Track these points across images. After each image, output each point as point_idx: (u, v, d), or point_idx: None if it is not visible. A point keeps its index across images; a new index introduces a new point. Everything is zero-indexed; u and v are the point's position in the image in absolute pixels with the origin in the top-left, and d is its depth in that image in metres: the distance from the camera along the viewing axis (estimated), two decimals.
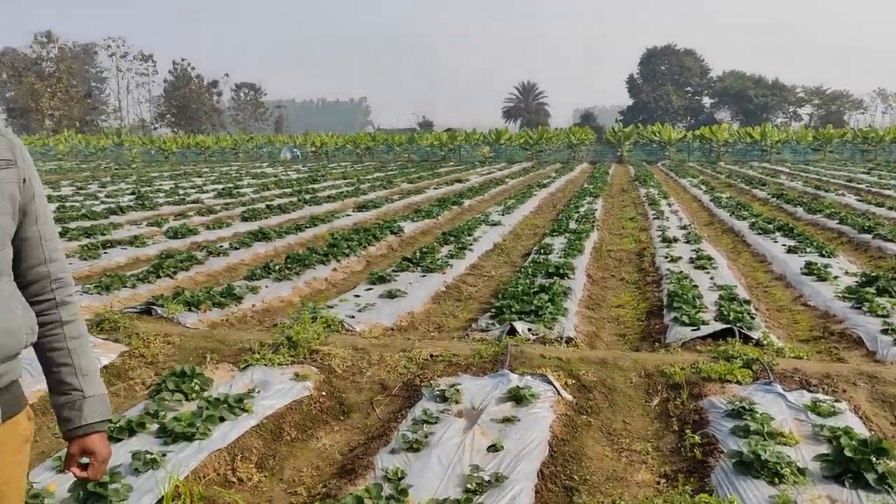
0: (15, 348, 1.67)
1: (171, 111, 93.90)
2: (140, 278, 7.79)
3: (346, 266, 9.28)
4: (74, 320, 1.85)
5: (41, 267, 1.78)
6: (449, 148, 47.67)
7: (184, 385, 4.38)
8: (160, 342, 5.46)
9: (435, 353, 5.19)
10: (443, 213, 14.88)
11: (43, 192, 1.81)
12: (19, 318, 1.69)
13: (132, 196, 18.58)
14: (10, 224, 1.68)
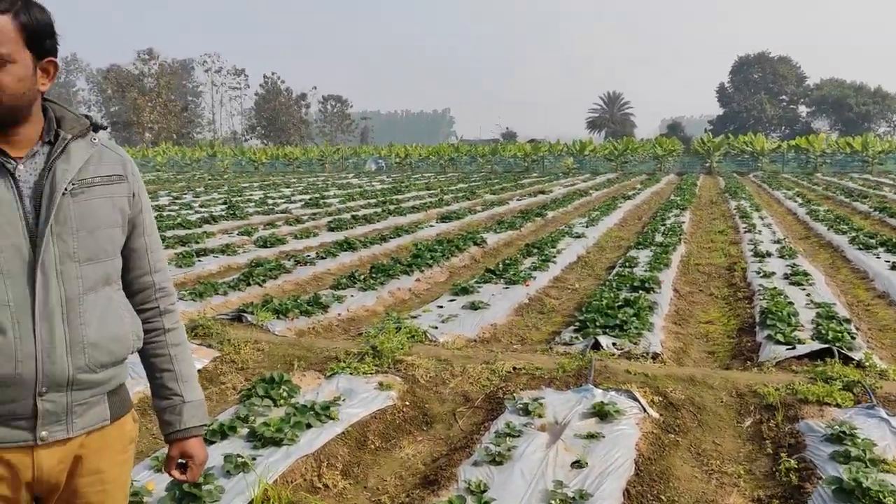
0: (123, 354, 1.75)
1: (261, 123, 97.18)
2: (231, 286, 8.07)
3: (429, 277, 9.35)
4: (176, 328, 1.92)
5: (147, 277, 1.86)
6: (532, 159, 47.51)
7: (272, 391, 4.49)
8: (250, 348, 5.63)
9: (518, 365, 5.17)
10: (526, 225, 14.82)
11: (150, 205, 1.90)
12: (127, 325, 1.77)
13: (224, 206, 19.28)
14: (120, 236, 1.77)
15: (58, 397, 1.62)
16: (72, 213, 1.64)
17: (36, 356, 1.57)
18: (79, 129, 1.71)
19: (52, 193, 1.61)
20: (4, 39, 1.51)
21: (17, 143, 1.62)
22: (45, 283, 1.59)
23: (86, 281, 1.66)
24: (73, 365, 1.62)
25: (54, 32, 1.64)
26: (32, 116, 1.64)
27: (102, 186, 1.72)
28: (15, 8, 1.53)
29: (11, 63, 1.53)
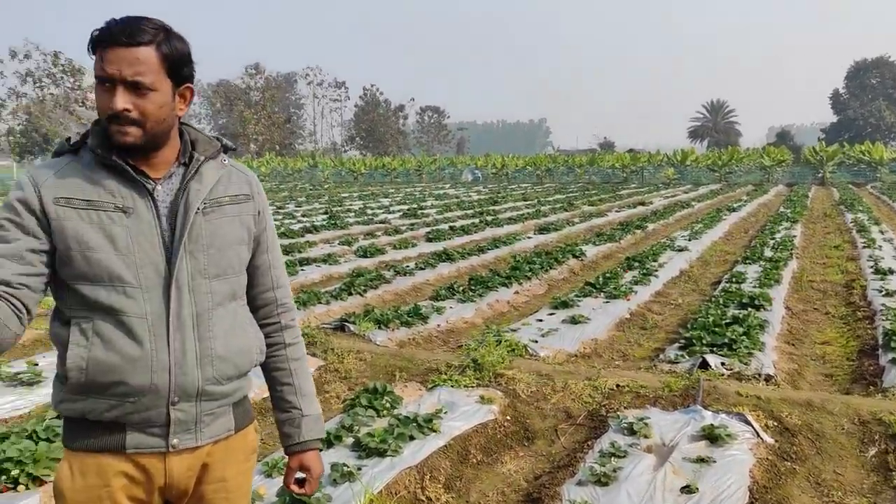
0: (247, 367, 1.81)
1: (360, 134, 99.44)
2: (333, 295, 8.26)
3: (527, 289, 9.29)
4: (296, 343, 1.98)
5: (269, 292, 1.92)
6: (631, 170, 46.60)
7: (375, 401, 4.56)
8: (353, 358, 5.74)
9: (621, 382, 5.05)
10: (625, 237, 14.52)
11: (272, 222, 1.96)
12: (251, 339, 1.83)
13: (325, 216, 19.80)
14: (246, 253, 1.83)
15: (188, 407, 1.69)
16: (203, 231, 1.72)
17: (169, 367, 1.65)
18: (211, 150, 1.79)
19: (187, 212, 1.69)
20: (148, 70, 1.60)
21: (156, 165, 1.71)
22: (179, 297, 1.67)
23: (215, 296, 1.73)
24: (202, 377, 1.69)
25: (191, 60, 1.72)
26: (170, 140, 1.72)
27: (231, 206, 1.79)
28: (158, 39, 1.61)
29: (154, 91, 1.61)
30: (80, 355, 1.61)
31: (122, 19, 1.61)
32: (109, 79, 1.58)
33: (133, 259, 1.63)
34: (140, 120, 1.61)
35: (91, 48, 1.61)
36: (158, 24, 1.64)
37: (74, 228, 1.61)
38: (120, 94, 1.58)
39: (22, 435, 3.77)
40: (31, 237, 1.61)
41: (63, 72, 70.11)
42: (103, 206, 1.63)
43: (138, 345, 1.62)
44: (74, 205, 1.62)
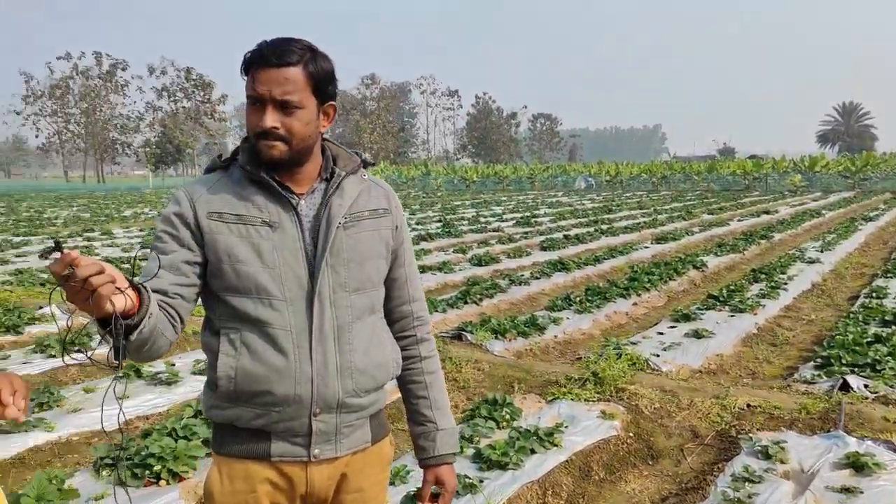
0: (384, 380, 1.83)
1: (472, 142, 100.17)
2: (449, 303, 8.31)
3: (646, 300, 9.03)
4: (431, 356, 1.98)
5: (406, 306, 1.94)
6: (754, 176, 44.57)
7: (495, 413, 4.54)
8: (471, 368, 5.74)
9: (752, 402, 4.80)
10: (749, 248, 13.88)
11: (409, 236, 1.97)
12: (388, 352, 1.85)
13: (439, 223, 20.03)
14: (384, 267, 1.85)
15: (329, 418, 1.72)
16: (344, 245, 1.74)
17: (312, 379, 1.68)
18: (351, 166, 1.82)
19: (329, 227, 1.72)
20: (295, 89, 1.64)
21: (300, 181, 1.76)
22: (321, 310, 1.70)
23: (354, 309, 1.75)
24: (342, 389, 1.72)
25: (335, 79, 1.76)
26: (314, 156, 1.77)
27: (371, 220, 1.81)
28: (305, 59, 1.65)
29: (301, 109, 1.66)
30: (230, 365, 1.67)
31: (273, 41, 1.66)
32: (260, 98, 1.64)
33: (278, 272, 1.68)
34: (287, 137, 1.65)
35: (243, 69, 1.67)
36: (306, 45, 1.68)
37: (225, 242, 1.67)
38: (269, 113, 1.64)
39: (163, 433, 3.99)
40: (186, 249, 1.68)
41: (195, 86, 74.45)
42: (251, 220, 1.69)
43: (283, 356, 1.67)
44: (225, 219, 1.68)
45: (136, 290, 1.46)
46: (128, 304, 1.40)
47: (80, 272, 1.28)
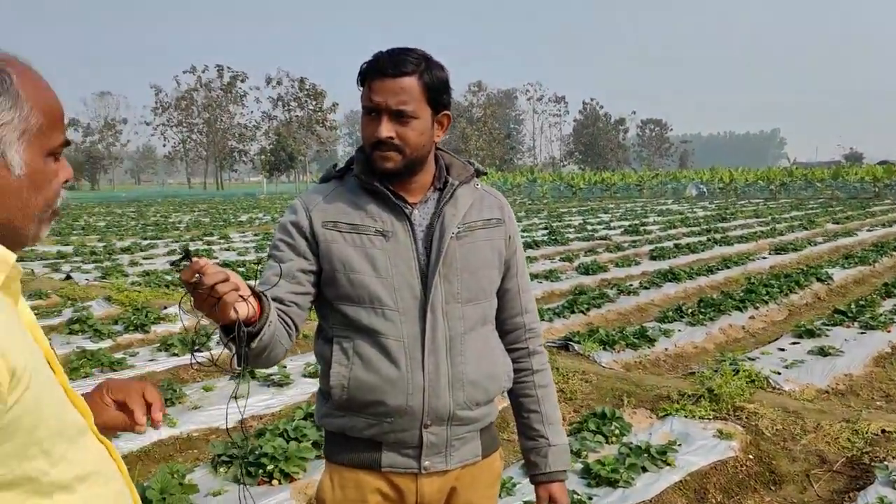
0: (495, 392, 1.79)
1: (578, 149, 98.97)
2: (556, 312, 8.19)
3: (764, 314, 8.59)
4: (543, 369, 1.92)
5: (518, 317, 1.89)
6: (885, 184, 41.75)
7: (604, 427, 4.41)
8: (578, 379, 5.61)
9: (888, 428, 4.45)
10: (881, 260, 12.96)
11: (521, 245, 1.93)
12: (500, 364, 1.81)
13: (545, 231, 19.83)
14: (497, 277, 1.82)
15: (439, 431, 1.70)
16: (457, 256, 1.72)
17: (424, 390, 1.66)
18: (465, 175, 1.80)
19: (442, 237, 1.70)
20: (410, 98, 1.63)
21: (413, 191, 1.75)
22: (434, 321, 1.68)
23: (467, 321, 1.72)
24: (453, 401, 1.69)
25: (449, 88, 1.74)
26: (427, 165, 1.75)
27: (484, 230, 1.78)
28: (420, 69, 1.64)
29: (415, 119, 1.64)
30: (343, 374, 1.67)
31: (389, 51, 1.66)
32: (375, 108, 1.64)
33: (391, 282, 1.67)
34: (401, 146, 1.64)
35: (360, 80, 1.67)
36: (421, 55, 1.67)
37: (340, 251, 1.68)
38: (384, 123, 1.63)
39: (275, 433, 4.10)
40: (302, 258, 1.70)
41: (307, 95, 77.13)
42: (366, 229, 1.69)
43: (395, 366, 1.65)
44: (340, 228, 1.69)
45: (258, 299, 1.48)
46: (250, 312, 1.42)
47: (207, 280, 1.31)
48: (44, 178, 1.04)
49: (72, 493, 1.01)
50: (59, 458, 0.99)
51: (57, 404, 1.01)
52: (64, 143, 1.08)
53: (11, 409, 0.91)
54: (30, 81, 1.03)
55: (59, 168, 1.08)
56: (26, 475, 0.94)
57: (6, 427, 0.91)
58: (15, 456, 0.93)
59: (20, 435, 0.93)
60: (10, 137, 0.99)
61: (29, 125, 1.01)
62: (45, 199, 1.05)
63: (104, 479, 1.09)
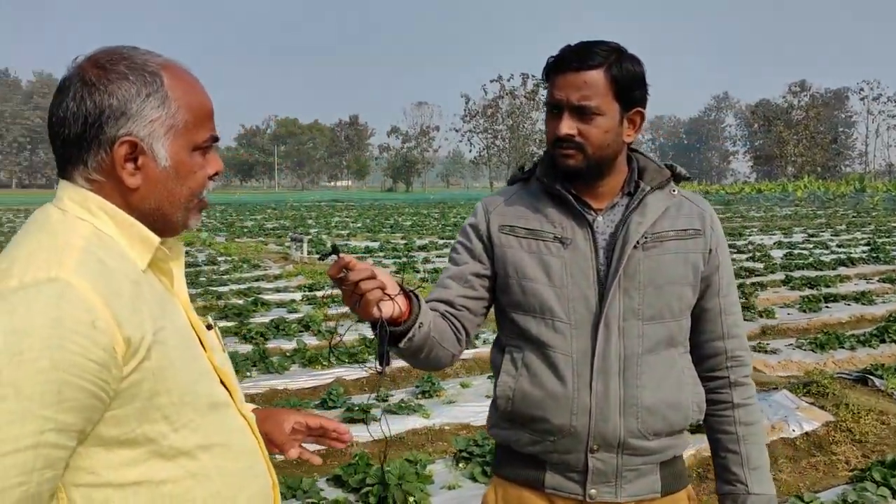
0: (679, 424, 1.59)
1: None
2: (861, 340, 7.16)
3: None
4: (748, 405, 1.67)
5: (718, 342, 1.67)
6: None
7: (892, 479, 3.74)
8: (872, 419, 4.84)
9: None
10: None
11: (729, 262, 1.69)
12: (687, 392, 1.60)
13: (866, 247, 17.44)
14: (689, 294, 1.61)
15: (608, 458, 1.55)
16: (641, 268, 1.56)
17: (590, 411, 1.53)
18: (658, 179, 1.63)
19: (624, 246, 1.56)
20: (594, 93, 1.51)
21: (599, 195, 1.62)
22: (607, 337, 1.54)
23: (646, 340, 1.56)
24: (624, 427, 1.54)
25: (644, 83, 1.58)
26: (616, 168, 1.61)
27: (676, 241, 1.60)
28: (609, 61, 1.51)
29: (599, 115, 1.52)
30: (509, 384, 1.61)
31: (577, 45, 1.56)
32: (557, 104, 1.55)
33: (565, 292, 1.56)
34: (583, 144, 1.53)
35: (545, 75, 1.59)
36: (612, 46, 1.55)
37: (514, 256, 1.62)
38: (565, 119, 1.53)
39: None
40: (477, 262, 1.67)
41: None
42: (543, 235, 1.60)
43: (561, 382, 1.55)
44: (517, 233, 1.63)
45: (409, 299, 1.48)
46: (395, 312, 1.42)
47: (351, 276, 1.34)
48: (188, 170, 1.14)
49: (193, 459, 1.09)
50: (181, 425, 1.07)
51: (188, 377, 1.09)
52: (211, 139, 1.17)
53: (129, 377, 1.01)
54: (181, 83, 1.13)
55: (208, 161, 1.18)
56: (146, 436, 1.04)
57: (124, 391, 1.01)
58: (135, 418, 1.03)
59: (139, 400, 1.02)
60: (158, 132, 1.10)
61: (175, 122, 1.11)
62: (189, 189, 1.15)
63: (233, 454, 1.16)
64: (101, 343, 0.96)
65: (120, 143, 1.07)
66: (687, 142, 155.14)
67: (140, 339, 1.01)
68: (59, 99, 1.09)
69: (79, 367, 0.94)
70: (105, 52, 1.12)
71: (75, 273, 0.98)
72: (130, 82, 1.08)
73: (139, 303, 1.04)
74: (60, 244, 1.02)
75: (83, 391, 0.95)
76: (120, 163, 1.08)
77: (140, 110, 1.08)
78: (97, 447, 1.01)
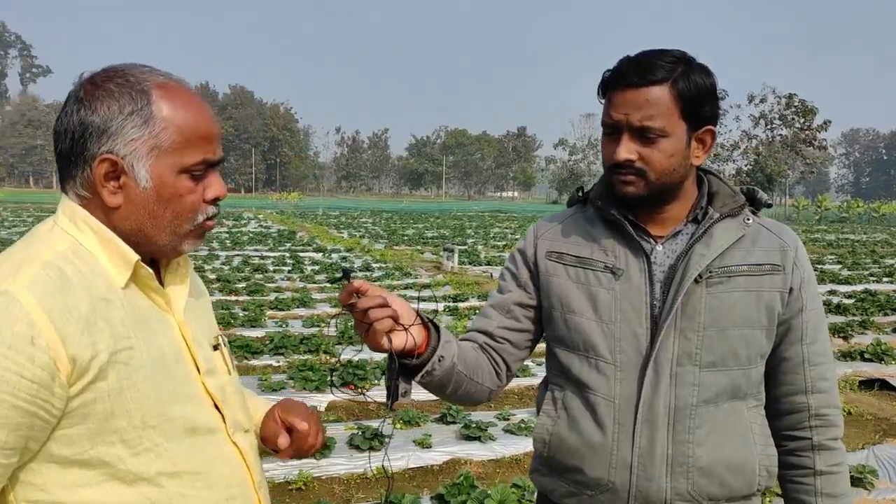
0: (742, 490, 1.37)
1: None
2: None
3: None
4: (834, 472, 1.42)
5: (800, 396, 1.43)
6: None
7: None
8: None
9: None
10: None
11: (819, 304, 1.44)
12: (754, 454, 1.38)
13: None
14: (762, 340, 1.39)
15: None
16: (702, 307, 1.36)
17: (631, 466, 1.36)
18: (730, 206, 1.42)
19: (682, 280, 1.37)
20: (657, 113, 1.32)
21: (662, 222, 1.44)
22: (655, 383, 1.36)
23: (703, 390, 1.36)
24: (672, 488, 1.35)
25: (715, 97, 1.39)
26: (684, 193, 1.43)
27: (748, 277, 1.39)
28: (674, 75, 1.32)
29: (663, 137, 1.34)
30: (547, 427, 1.47)
31: (637, 56, 1.37)
32: (614, 125, 1.37)
33: (613, 329, 1.40)
34: (644, 170, 1.36)
35: (601, 91, 1.43)
36: (677, 57, 1.35)
37: (559, 286, 1.47)
38: (624, 142, 1.36)
39: None
40: (522, 290, 1.54)
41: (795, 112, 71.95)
42: (593, 264, 1.45)
43: (601, 431, 1.39)
44: (565, 260, 1.48)
45: (427, 330, 1.38)
46: (408, 344, 1.31)
47: (360, 303, 1.26)
48: (173, 193, 1.09)
49: (155, 486, 1.05)
50: (143, 449, 1.04)
51: (157, 400, 1.05)
52: (203, 163, 1.11)
53: (78, 396, 0.98)
54: (174, 102, 1.08)
55: (206, 185, 1.13)
56: (100, 458, 1.01)
57: (74, 410, 0.98)
58: (88, 438, 1.00)
59: (92, 421, 1.00)
60: (139, 151, 1.06)
61: (159, 142, 1.07)
62: (173, 212, 1.10)
63: (207, 483, 1.11)
64: (39, 361, 0.94)
65: (100, 161, 1.05)
66: (887, 157, 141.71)
67: (89, 359, 0.98)
68: (59, 113, 1.10)
69: (11, 383, 0.93)
70: (107, 68, 1.10)
71: (26, 287, 0.97)
72: (114, 100, 1.06)
73: (99, 321, 1.01)
74: (26, 256, 1.02)
75: (15, 409, 0.94)
76: (100, 181, 1.06)
77: (121, 128, 1.05)
78: (49, 464, 1.00)
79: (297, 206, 50.08)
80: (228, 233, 24.17)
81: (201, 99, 1.15)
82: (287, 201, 50.88)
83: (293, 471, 4.23)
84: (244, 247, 19.10)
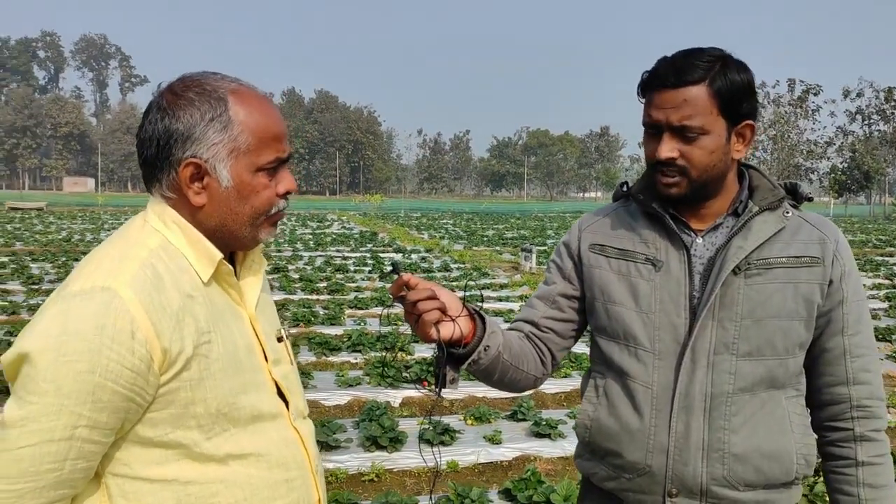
0: (778, 476, 1.40)
1: None
2: None
3: None
4: (876, 463, 1.43)
5: (841, 388, 1.44)
6: None
7: None
8: None
9: None
10: None
11: (861, 295, 1.46)
12: (791, 442, 1.41)
13: None
14: (800, 331, 1.42)
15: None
16: (739, 297, 1.40)
17: (668, 451, 1.41)
18: (770, 200, 1.45)
19: (720, 272, 1.41)
20: (696, 112, 1.37)
21: (703, 216, 1.49)
22: (692, 371, 1.41)
23: (739, 378, 1.40)
24: (707, 473, 1.39)
25: (753, 93, 1.42)
26: (725, 187, 1.47)
27: (786, 269, 1.42)
28: (711, 74, 1.37)
29: (704, 135, 1.38)
30: (588, 413, 1.54)
31: (674, 56, 1.42)
32: (655, 125, 1.42)
33: (652, 318, 1.46)
34: (686, 168, 1.40)
35: (640, 91, 1.48)
36: (714, 56, 1.40)
37: (602, 277, 1.54)
38: (665, 142, 1.41)
39: None
40: (566, 282, 1.61)
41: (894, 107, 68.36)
42: (634, 256, 1.51)
43: (638, 416, 1.45)
44: (607, 252, 1.55)
45: (474, 321, 1.46)
46: (455, 334, 1.40)
47: (409, 296, 1.35)
48: (251, 190, 1.20)
49: (223, 465, 1.17)
50: (215, 434, 1.15)
51: (230, 389, 1.16)
52: (276, 161, 1.22)
53: (166, 384, 1.11)
54: (247, 107, 1.19)
55: (279, 180, 1.23)
56: (178, 441, 1.14)
57: (161, 397, 1.11)
58: (170, 423, 1.13)
59: (175, 406, 1.12)
60: (220, 154, 1.17)
61: (238, 144, 1.17)
62: (252, 207, 1.21)
63: (269, 464, 1.22)
64: (138, 353, 1.06)
65: (185, 165, 1.16)
66: None
67: (178, 352, 1.10)
68: (142, 122, 1.20)
69: (114, 372, 1.05)
70: (183, 78, 1.21)
71: (127, 285, 1.09)
72: (196, 107, 1.16)
73: (186, 316, 1.13)
74: (125, 255, 1.14)
75: (116, 394, 1.06)
76: (185, 182, 1.17)
77: (204, 134, 1.16)
78: (134, 444, 1.13)
79: (379, 207, 50.90)
80: (312, 234, 24.86)
81: (270, 101, 1.26)
82: (369, 203, 51.80)
83: (366, 462, 4.38)
84: (327, 248, 19.61)
